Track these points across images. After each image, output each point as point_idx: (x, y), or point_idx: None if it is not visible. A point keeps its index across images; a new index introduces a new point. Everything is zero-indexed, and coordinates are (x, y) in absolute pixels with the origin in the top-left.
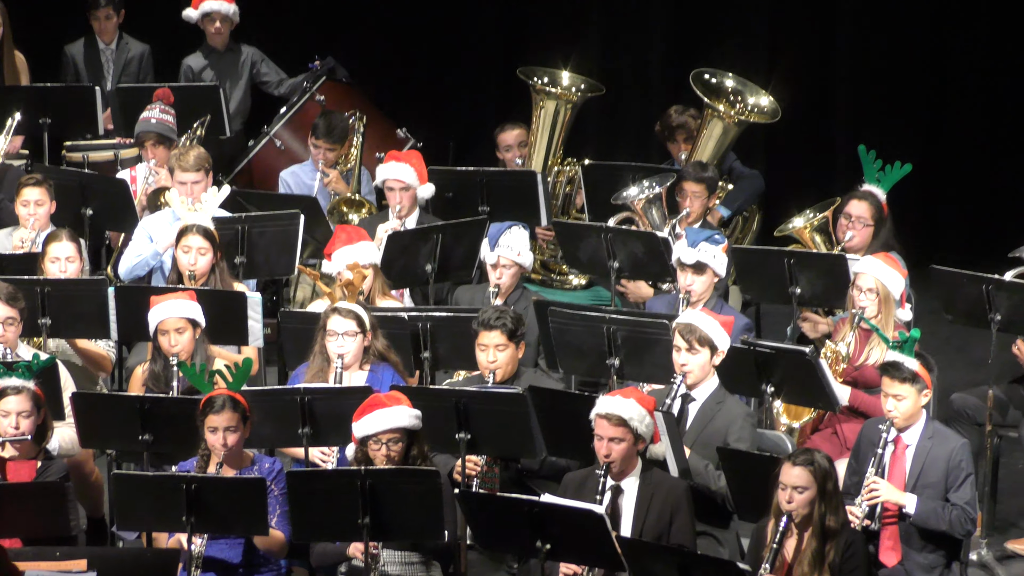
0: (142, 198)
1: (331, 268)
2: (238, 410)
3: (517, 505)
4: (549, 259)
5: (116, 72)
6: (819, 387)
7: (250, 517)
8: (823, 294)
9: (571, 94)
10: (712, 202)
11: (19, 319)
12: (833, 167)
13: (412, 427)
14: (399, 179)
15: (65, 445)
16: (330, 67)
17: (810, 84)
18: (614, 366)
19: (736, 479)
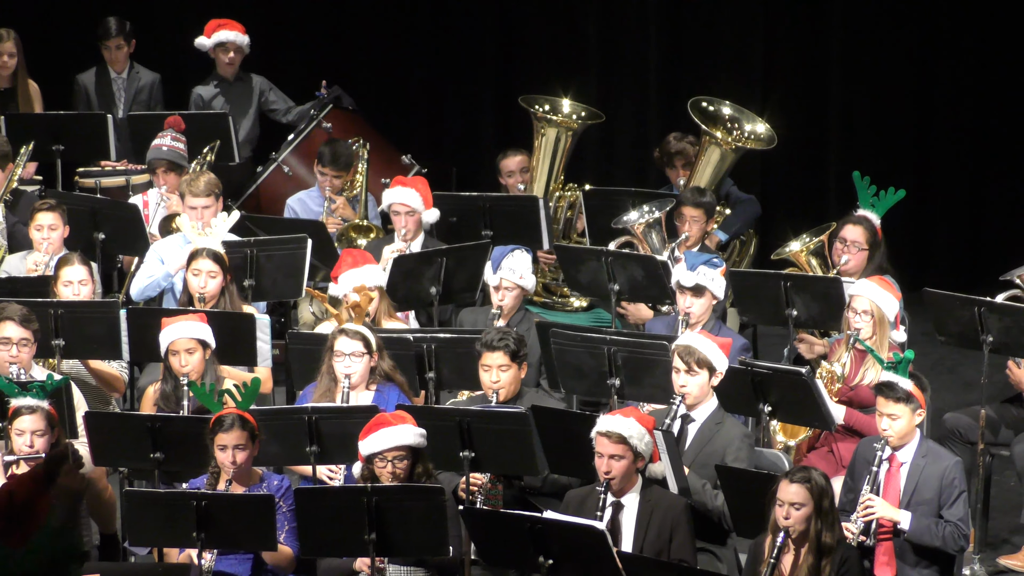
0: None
1: (338, 291)
2: (247, 429)
3: (520, 521)
4: (551, 282)
5: (127, 100)
6: (815, 406)
7: (259, 533)
8: (819, 316)
9: (572, 122)
10: (710, 226)
11: (33, 340)
12: (827, 193)
13: (417, 445)
14: (405, 203)
15: None
16: (336, 95)
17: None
18: (614, 386)
19: (734, 496)
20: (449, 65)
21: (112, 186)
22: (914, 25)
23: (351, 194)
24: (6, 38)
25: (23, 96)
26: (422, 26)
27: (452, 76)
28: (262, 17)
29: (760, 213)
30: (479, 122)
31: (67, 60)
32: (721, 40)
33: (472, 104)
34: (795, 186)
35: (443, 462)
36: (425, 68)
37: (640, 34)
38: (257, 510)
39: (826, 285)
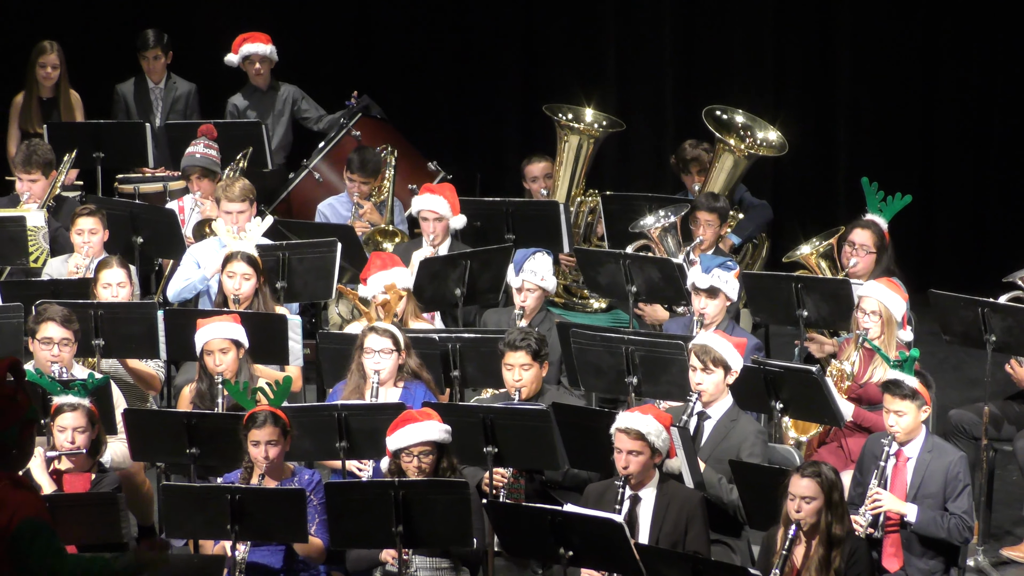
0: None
1: (367, 292)
2: (279, 425)
3: (541, 514)
4: (571, 284)
5: (164, 110)
6: (825, 403)
7: (291, 525)
8: (828, 316)
9: (593, 130)
10: (724, 230)
11: (74, 340)
12: (836, 198)
13: (442, 441)
14: (433, 210)
15: (117, 458)
16: (365, 104)
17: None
18: (632, 384)
19: (748, 490)
20: (474, 75)
21: (150, 192)
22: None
23: (378, 199)
24: (50, 50)
25: (65, 105)
26: (448, 38)
27: (477, 86)
28: (295, 29)
29: (772, 217)
30: (503, 130)
31: (107, 70)
32: (734, 51)
33: (496, 112)
34: (805, 192)
35: (467, 457)
36: (451, 78)
37: (656, 46)
38: (289, 503)
39: (835, 287)
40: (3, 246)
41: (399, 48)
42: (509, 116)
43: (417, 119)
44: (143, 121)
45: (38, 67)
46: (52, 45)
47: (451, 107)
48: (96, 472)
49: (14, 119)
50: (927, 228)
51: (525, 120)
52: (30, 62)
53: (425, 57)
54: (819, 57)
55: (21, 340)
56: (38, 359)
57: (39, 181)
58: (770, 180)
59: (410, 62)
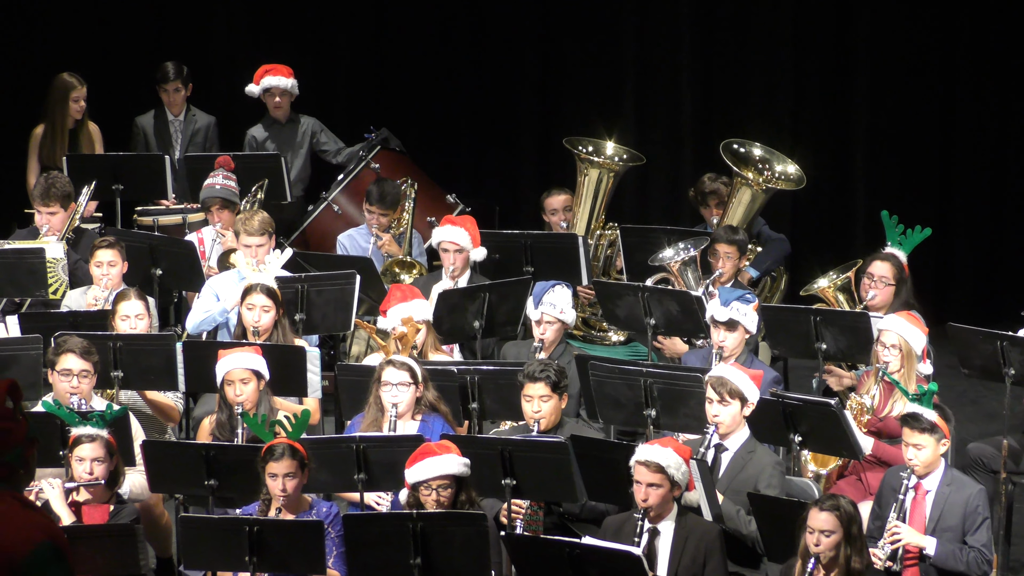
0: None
1: (386, 324)
2: (297, 457)
3: (559, 547)
4: (590, 316)
5: (184, 142)
6: (843, 436)
7: (308, 558)
8: (847, 349)
9: (613, 163)
10: (743, 263)
11: (93, 372)
12: (854, 231)
13: (461, 474)
14: (454, 242)
15: (136, 490)
16: (384, 137)
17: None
18: (650, 417)
19: (766, 523)
20: (494, 108)
21: (169, 224)
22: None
23: (397, 231)
24: (80, 84)
25: (85, 138)
26: (467, 71)
27: (497, 119)
28: (314, 62)
29: (790, 251)
30: (522, 163)
31: (126, 103)
32: (752, 85)
33: (516, 145)
34: (823, 225)
35: (486, 489)
36: (471, 111)
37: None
38: (307, 535)
39: (854, 319)
40: (23, 278)
41: (418, 81)
42: (528, 149)
43: (436, 152)
44: (162, 153)
45: (71, 102)
46: (81, 80)
47: (470, 140)
48: (114, 503)
49: (34, 151)
50: (945, 261)
51: (544, 153)
52: (53, 95)
53: (444, 90)
54: (837, 90)
55: (40, 372)
56: (57, 390)
57: (58, 214)
58: (788, 213)
59: (429, 95)
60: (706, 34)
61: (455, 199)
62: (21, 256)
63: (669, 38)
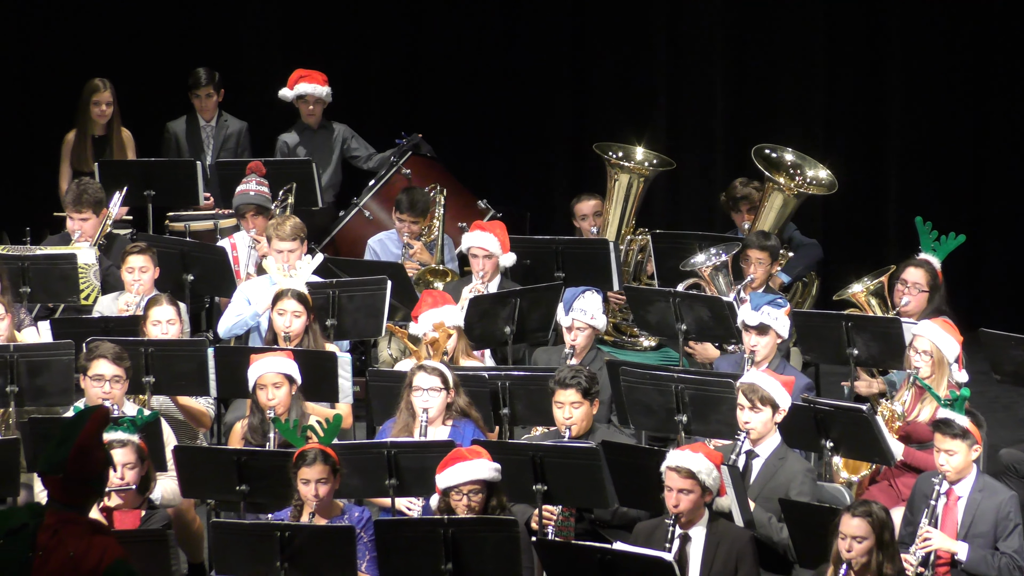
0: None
1: (418, 330)
2: (329, 463)
3: (590, 552)
4: (621, 322)
5: (216, 148)
6: (875, 442)
7: (340, 563)
8: (879, 355)
9: (644, 168)
10: (774, 269)
11: (125, 377)
12: (886, 236)
13: (492, 479)
14: (483, 247)
15: (167, 495)
16: (415, 143)
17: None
18: (682, 422)
19: (798, 529)
20: (525, 114)
21: (201, 230)
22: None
23: (428, 239)
24: (103, 88)
25: (117, 143)
26: (498, 76)
27: (527, 124)
28: (346, 68)
29: (822, 256)
30: (553, 168)
31: (158, 108)
32: (784, 89)
33: (546, 151)
34: (855, 230)
35: (517, 495)
36: (501, 116)
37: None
38: (338, 541)
39: (886, 325)
40: (55, 284)
41: (449, 87)
42: (559, 155)
43: (467, 157)
44: (194, 159)
45: (92, 105)
46: (105, 83)
47: (501, 146)
48: (146, 509)
49: (66, 157)
50: (978, 267)
51: (575, 159)
52: (82, 100)
53: (475, 96)
54: (869, 95)
55: (72, 377)
56: (89, 396)
57: (90, 219)
58: (820, 218)
59: (460, 100)
60: (738, 39)
61: (486, 205)
62: (53, 262)
63: (701, 42)
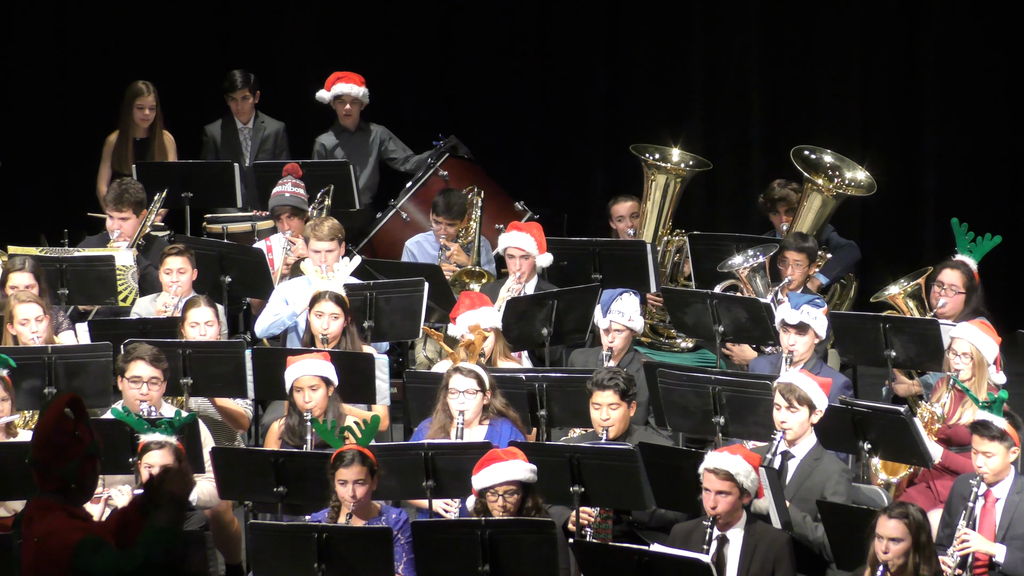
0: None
1: (455, 331)
2: (366, 464)
3: (628, 554)
4: (658, 324)
5: (253, 149)
6: (913, 444)
7: (377, 564)
8: (916, 357)
9: (681, 169)
10: (812, 270)
11: (163, 379)
12: (924, 238)
13: (527, 480)
14: (520, 247)
15: (205, 497)
16: (453, 144)
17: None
18: (719, 424)
19: (834, 530)
20: (561, 115)
21: (238, 231)
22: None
23: (465, 241)
24: (147, 91)
25: (159, 146)
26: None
27: (564, 126)
28: (383, 70)
29: (859, 257)
30: (589, 170)
31: (197, 111)
32: (822, 91)
33: (583, 152)
34: (893, 231)
35: (554, 496)
36: (538, 118)
37: (744, 85)
38: (376, 542)
39: (923, 327)
40: (92, 285)
41: (487, 88)
42: (596, 156)
43: (504, 159)
44: (231, 161)
45: (135, 108)
46: (148, 86)
47: (538, 147)
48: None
49: (106, 158)
50: (1015, 268)
51: (612, 160)
52: (124, 102)
53: (512, 97)
54: (907, 97)
55: (110, 379)
56: (127, 397)
57: (130, 219)
58: (858, 220)
59: (497, 102)
60: (775, 39)
61: (523, 207)
62: (91, 264)
63: (738, 43)
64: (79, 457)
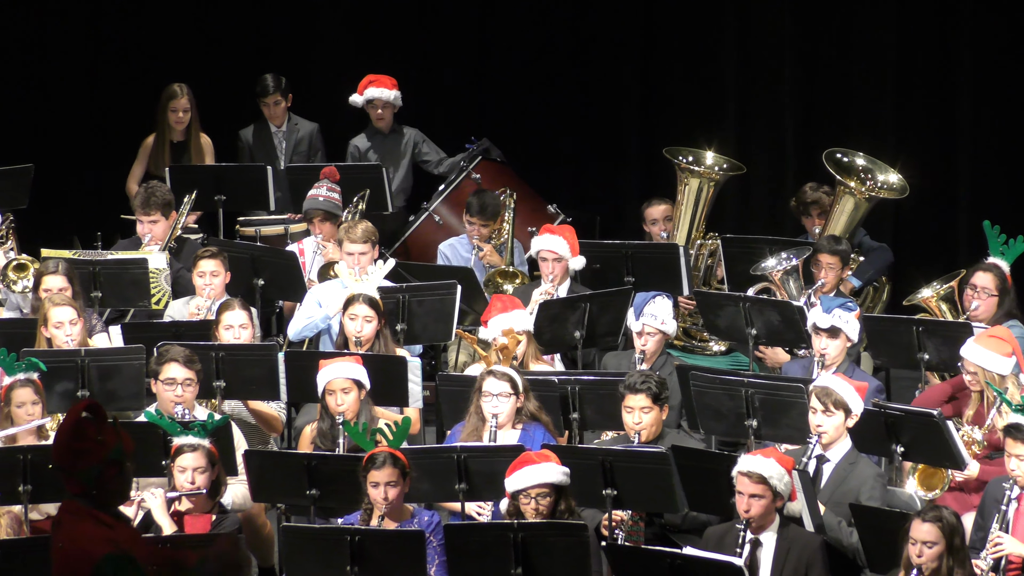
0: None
1: (488, 334)
2: (398, 466)
3: (660, 557)
4: (691, 327)
5: (287, 152)
6: (946, 447)
7: (410, 567)
8: (949, 360)
9: (714, 173)
10: (845, 273)
11: (196, 381)
12: (957, 240)
13: (560, 483)
14: (552, 250)
15: (238, 500)
16: (485, 147)
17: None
18: (752, 427)
19: (868, 534)
20: (594, 118)
21: (271, 234)
22: None
23: (498, 242)
24: (180, 94)
25: (195, 149)
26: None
27: (597, 129)
28: (416, 72)
29: (892, 260)
30: (622, 173)
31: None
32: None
33: (616, 156)
34: (926, 234)
35: (586, 499)
36: (571, 121)
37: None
38: (408, 545)
39: (956, 330)
40: (126, 289)
41: (520, 91)
42: (629, 159)
43: (537, 162)
44: (264, 164)
45: (169, 111)
46: (182, 89)
47: (571, 150)
48: (216, 513)
49: (141, 158)
50: None
51: (645, 163)
52: (160, 105)
53: (545, 100)
54: (940, 99)
55: (143, 382)
56: (161, 400)
57: (159, 222)
58: (890, 223)
59: (530, 105)
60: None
61: (556, 209)
62: (124, 267)
63: (771, 46)
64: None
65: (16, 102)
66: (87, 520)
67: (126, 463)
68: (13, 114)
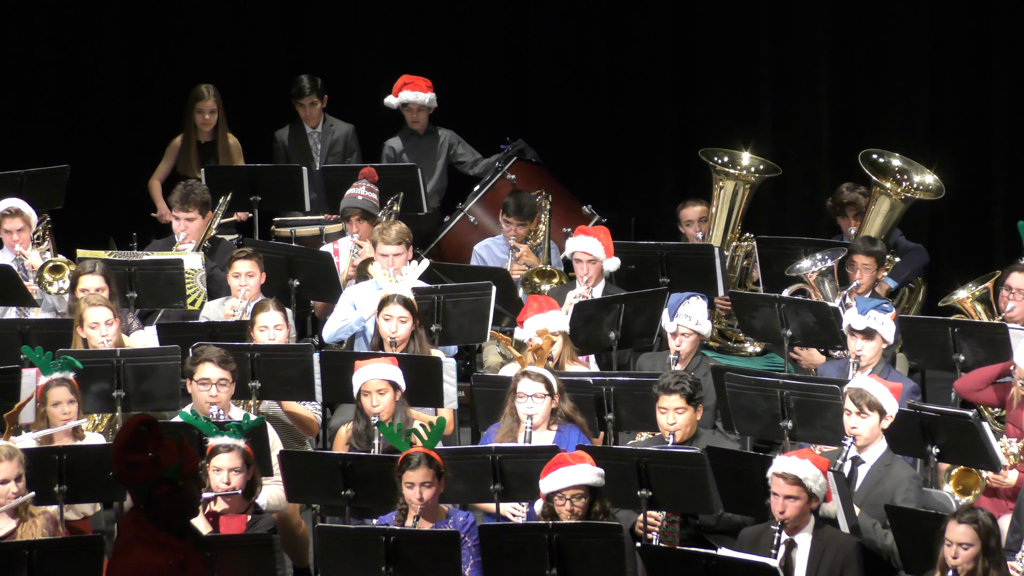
0: (348, 270)
1: (523, 335)
2: (433, 467)
3: (695, 558)
4: (726, 328)
5: (323, 153)
6: (982, 449)
7: (445, 568)
8: (985, 361)
9: (749, 174)
10: (880, 274)
11: (232, 381)
12: (993, 241)
13: (595, 484)
14: (587, 252)
15: (273, 500)
16: (520, 148)
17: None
18: (787, 428)
19: (903, 535)
20: (630, 119)
21: (306, 235)
22: None
23: (535, 243)
24: (207, 95)
25: (223, 150)
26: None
27: (633, 130)
28: (452, 73)
29: (928, 261)
30: (658, 174)
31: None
32: (891, 95)
33: (651, 157)
34: (961, 235)
35: (621, 500)
36: (607, 122)
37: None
38: (443, 545)
39: (992, 331)
40: (161, 289)
41: (555, 92)
42: (664, 160)
43: (572, 163)
44: (299, 165)
45: (195, 112)
46: (209, 90)
47: (606, 151)
48: (252, 513)
49: (168, 157)
50: None
51: (680, 164)
52: (187, 106)
53: (580, 101)
54: (976, 100)
55: (178, 382)
56: (196, 400)
57: (195, 220)
58: (926, 224)
59: (566, 106)
60: (844, 44)
61: (591, 210)
62: (160, 267)
63: (807, 48)
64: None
65: (52, 103)
66: (139, 544)
67: (182, 483)
68: (49, 115)
